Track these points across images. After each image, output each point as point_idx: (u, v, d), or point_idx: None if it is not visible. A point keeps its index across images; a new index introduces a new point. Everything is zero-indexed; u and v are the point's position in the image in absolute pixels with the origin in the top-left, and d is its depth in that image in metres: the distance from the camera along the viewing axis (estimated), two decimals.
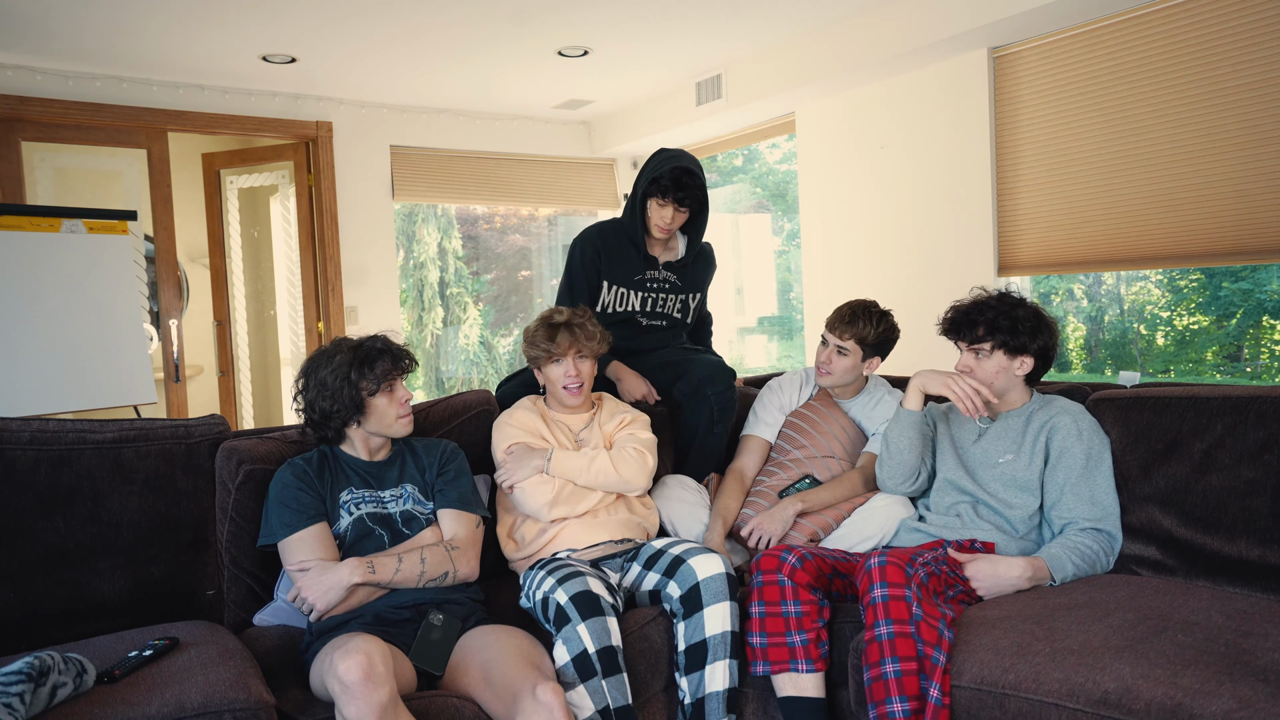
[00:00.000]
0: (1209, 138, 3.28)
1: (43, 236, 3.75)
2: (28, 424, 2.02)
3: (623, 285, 2.80)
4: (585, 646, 1.84)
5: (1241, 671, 1.58)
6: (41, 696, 1.50)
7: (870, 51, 4.10)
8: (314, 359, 2.14)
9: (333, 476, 2.12)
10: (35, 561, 1.97)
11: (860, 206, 4.59)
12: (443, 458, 2.22)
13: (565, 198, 6.17)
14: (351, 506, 2.08)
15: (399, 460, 2.21)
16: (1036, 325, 2.24)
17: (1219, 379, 4.20)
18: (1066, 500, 2.18)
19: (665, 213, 2.69)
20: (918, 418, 2.32)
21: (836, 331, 2.57)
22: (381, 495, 2.13)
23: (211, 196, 5.50)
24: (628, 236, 2.80)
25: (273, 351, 5.73)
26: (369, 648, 1.59)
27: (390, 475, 2.17)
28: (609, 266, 2.79)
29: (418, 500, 2.15)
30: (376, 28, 4.04)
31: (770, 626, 2.00)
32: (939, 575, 2.00)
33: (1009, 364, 2.26)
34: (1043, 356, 2.27)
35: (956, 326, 2.31)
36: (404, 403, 2.14)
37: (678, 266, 2.85)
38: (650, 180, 2.67)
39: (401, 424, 2.15)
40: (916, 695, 1.76)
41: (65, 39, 4.03)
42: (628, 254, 2.79)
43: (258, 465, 2.16)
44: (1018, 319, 2.23)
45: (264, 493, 2.13)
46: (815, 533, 2.43)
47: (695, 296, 2.93)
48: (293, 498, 2.03)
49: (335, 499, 2.09)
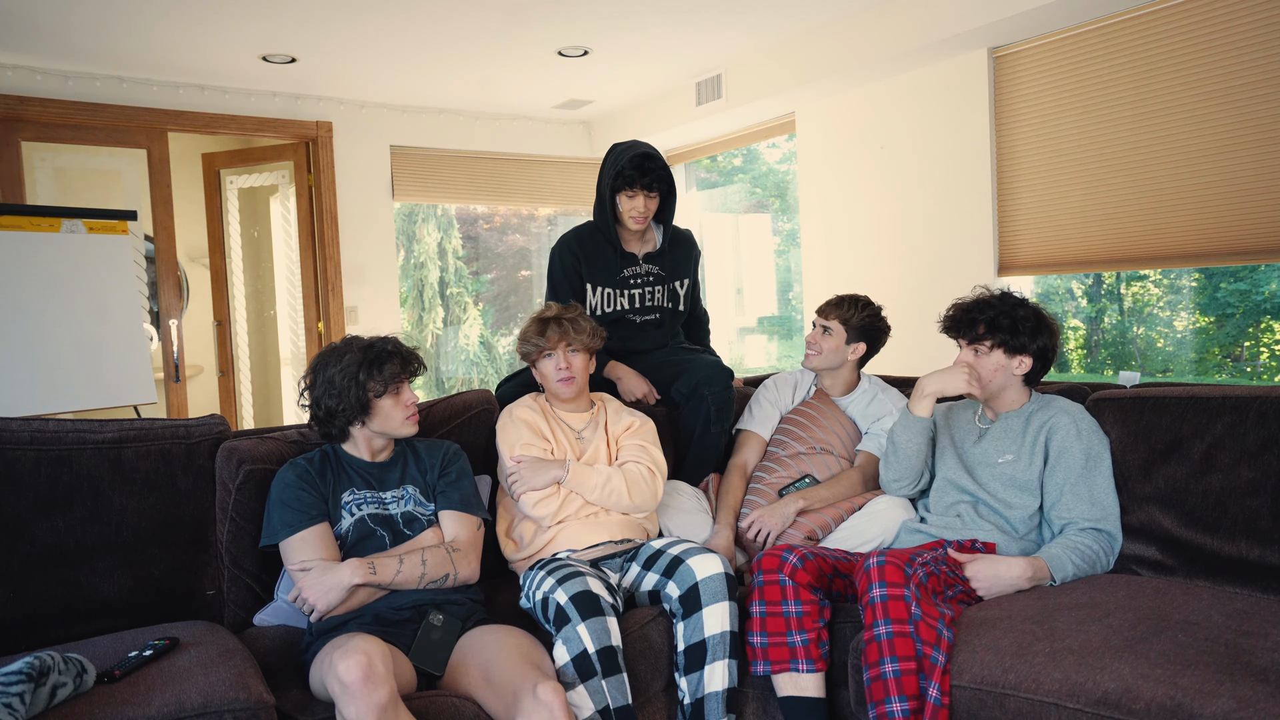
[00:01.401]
0: (1209, 137, 3.28)
1: (43, 236, 3.75)
2: (28, 424, 2.02)
3: (606, 286, 2.83)
4: (585, 646, 1.84)
5: (1241, 671, 1.58)
6: (41, 696, 1.50)
7: (870, 51, 4.10)
8: (324, 356, 2.13)
9: (335, 476, 2.12)
10: (35, 561, 1.97)
11: (860, 206, 4.59)
12: (445, 459, 2.22)
13: (565, 198, 6.17)
14: (353, 507, 2.08)
15: (401, 461, 2.21)
16: (1037, 326, 2.26)
17: (1219, 379, 4.20)
18: (1066, 500, 2.19)
19: (637, 202, 2.73)
20: (928, 423, 2.33)
21: (822, 313, 2.70)
22: (383, 496, 2.13)
23: (211, 196, 5.50)
24: (603, 238, 2.82)
25: (273, 351, 5.73)
26: (368, 648, 1.59)
27: (392, 476, 2.17)
28: (590, 270, 2.81)
29: (419, 501, 2.15)
30: (376, 27, 4.04)
31: (771, 626, 2.00)
32: (938, 575, 2.00)
33: (1007, 363, 2.27)
34: (1042, 357, 2.28)
35: (957, 324, 2.33)
36: (409, 405, 2.14)
37: (656, 256, 2.87)
38: (614, 175, 2.70)
39: (408, 425, 2.14)
40: (915, 695, 1.76)
41: (65, 39, 4.03)
42: (605, 255, 2.82)
43: (258, 465, 2.16)
44: (1018, 318, 2.25)
45: (264, 493, 2.13)
46: (813, 531, 2.44)
47: (683, 284, 2.94)
48: (294, 498, 2.03)
49: (337, 499, 2.09)
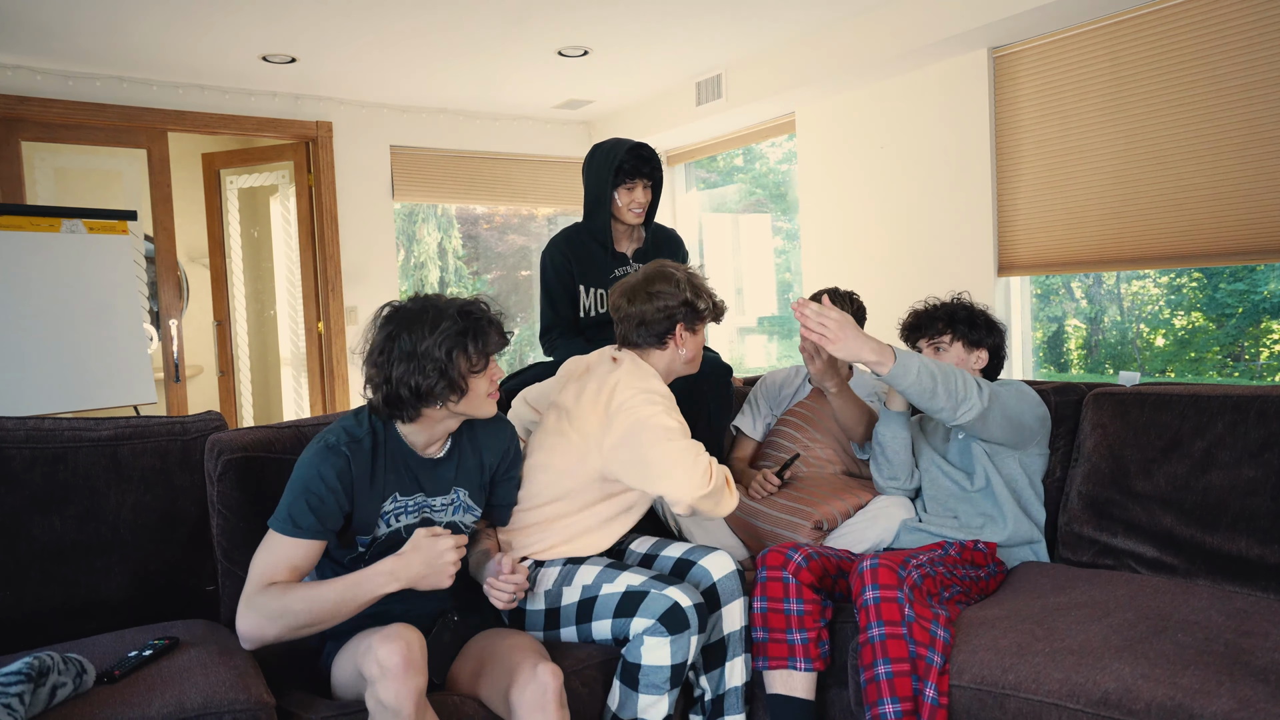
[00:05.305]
0: (1209, 137, 3.28)
1: (43, 236, 3.75)
2: (23, 422, 2.02)
3: (598, 286, 2.83)
4: (688, 656, 1.86)
5: (1241, 671, 1.58)
6: (41, 697, 1.50)
7: (870, 52, 4.10)
8: (404, 322, 1.76)
9: (383, 478, 1.83)
10: (32, 560, 1.97)
11: (860, 206, 4.58)
12: (509, 449, 2.04)
13: (565, 198, 6.16)
14: (393, 518, 1.85)
15: (456, 455, 1.94)
16: (990, 323, 2.42)
17: (1218, 378, 4.20)
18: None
19: (636, 194, 2.77)
20: (905, 417, 2.40)
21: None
22: (431, 503, 1.90)
23: (211, 196, 5.50)
24: (593, 238, 2.83)
25: (273, 351, 5.73)
26: (411, 636, 1.60)
27: (446, 476, 1.92)
28: (582, 271, 2.82)
29: (468, 507, 1.97)
30: (377, 28, 4.04)
31: (772, 622, 2.01)
32: (934, 577, 2.00)
33: (966, 357, 2.40)
34: (995, 353, 2.43)
35: (918, 326, 2.43)
36: (494, 380, 1.84)
37: (644, 254, 2.89)
38: (614, 170, 2.72)
39: (491, 404, 1.86)
40: (908, 696, 1.78)
41: (65, 39, 4.03)
42: (596, 255, 2.83)
43: (236, 454, 2.10)
44: (974, 313, 2.41)
45: (245, 482, 2.07)
46: (821, 521, 2.42)
47: None
48: (320, 502, 1.74)
49: (375, 507, 1.83)
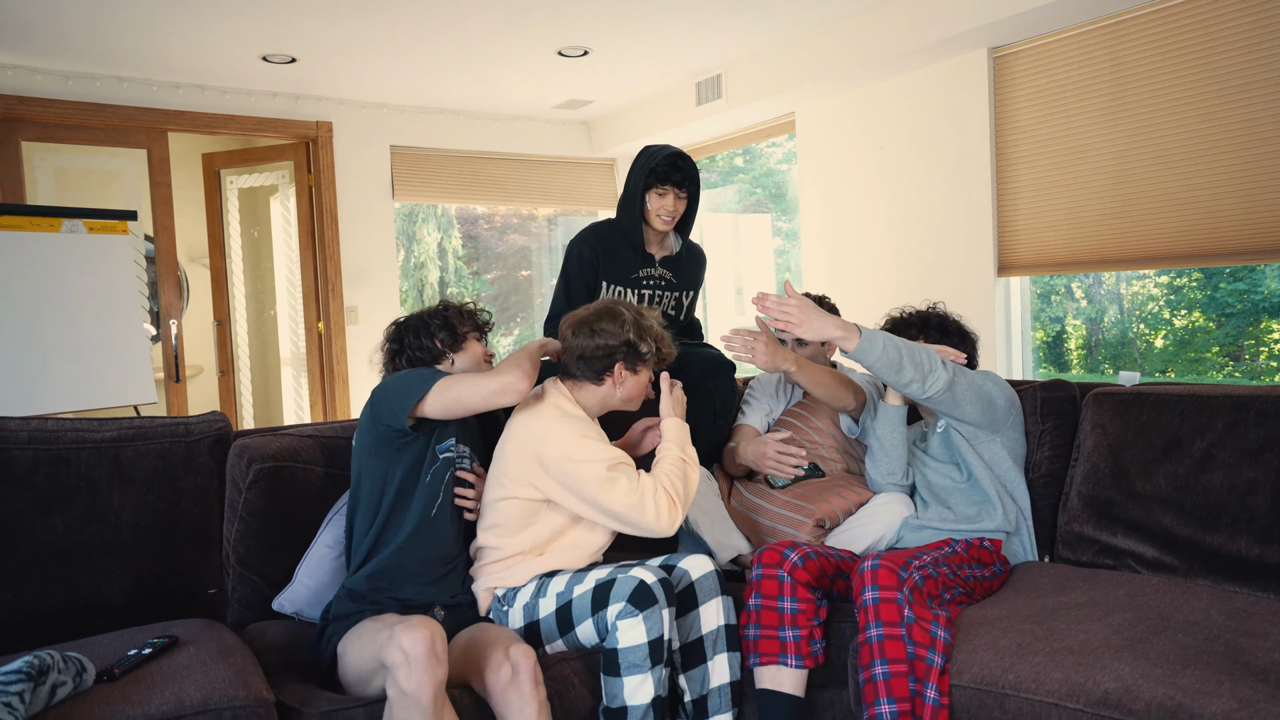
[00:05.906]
0: (1209, 137, 3.28)
1: (43, 236, 3.75)
2: (26, 423, 2.02)
3: (620, 284, 2.83)
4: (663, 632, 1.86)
5: (1241, 671, 1.58)
6: (41, 695, 1.50)
7: (870, 51, 4.10)
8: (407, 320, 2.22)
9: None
10: (34, 561, 1.97)
11: (860, 206, 4.58)
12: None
13: (565, 198, 6.17)
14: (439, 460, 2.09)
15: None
16: (962, 332, 2.49)
17: (1218, 378, 4.20)
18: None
19: (667, 201, 2.75)
20: (902, 412, 2.43)
21: None
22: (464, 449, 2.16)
23: (211, 196, 5.50)
24: (623, 236, 2.82)
25: (273, 351, 5.73)
26: (434, 626, 1.63)
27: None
28: (607, 266, 2.82)
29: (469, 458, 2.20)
30: (377, 28, 4.04)
31: (765, 619, 2.02)
32: (935, 578, 2.00)
33: None
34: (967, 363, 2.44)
35: (893, 331, 2.46)
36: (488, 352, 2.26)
37: (672, 262, 2.88)
38: (648, 172, 2.70)
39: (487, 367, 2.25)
40: (905, 697, 1.78)
41: (65, 39, 4.03)
42: (624, 253, 2.82)
43: (268, 464, 2.15)
44: (947, 321, 2.48)
45: (276, 493, 2.14)
46: (822, 519, 2.42)
47: (688, 295, 2.95)
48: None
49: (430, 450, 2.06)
